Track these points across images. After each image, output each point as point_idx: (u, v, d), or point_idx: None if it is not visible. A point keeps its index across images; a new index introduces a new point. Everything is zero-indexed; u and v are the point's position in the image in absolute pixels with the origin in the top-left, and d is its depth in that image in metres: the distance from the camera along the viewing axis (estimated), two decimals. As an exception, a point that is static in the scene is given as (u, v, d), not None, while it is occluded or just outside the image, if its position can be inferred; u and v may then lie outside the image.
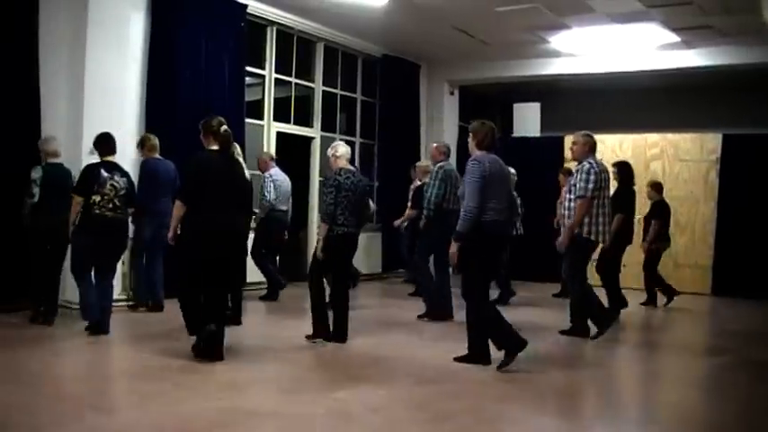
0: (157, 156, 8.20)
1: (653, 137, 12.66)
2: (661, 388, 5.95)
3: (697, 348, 7.86)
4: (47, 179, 7.16)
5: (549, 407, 5.13)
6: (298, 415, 4.63)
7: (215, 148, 6.00)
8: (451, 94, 14.66)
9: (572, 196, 7.29)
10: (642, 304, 10.16)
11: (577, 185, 7.22)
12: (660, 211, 10.14)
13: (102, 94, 8.30)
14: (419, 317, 8.41)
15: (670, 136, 12.59)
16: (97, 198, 6.80)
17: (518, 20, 10.86)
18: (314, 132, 11.98)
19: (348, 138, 12.91)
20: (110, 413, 4.57)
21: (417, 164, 10.68)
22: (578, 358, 6.83)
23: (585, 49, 12.46)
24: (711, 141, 12.25)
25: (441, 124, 14.36)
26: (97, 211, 6.82)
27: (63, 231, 6.94)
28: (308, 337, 6.82)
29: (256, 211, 8.95)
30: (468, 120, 16.02)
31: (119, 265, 7.52)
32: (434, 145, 8.93)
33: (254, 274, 9.66)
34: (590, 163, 7.29)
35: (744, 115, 13.45)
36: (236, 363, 5.84)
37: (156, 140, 8.27)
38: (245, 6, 10.18)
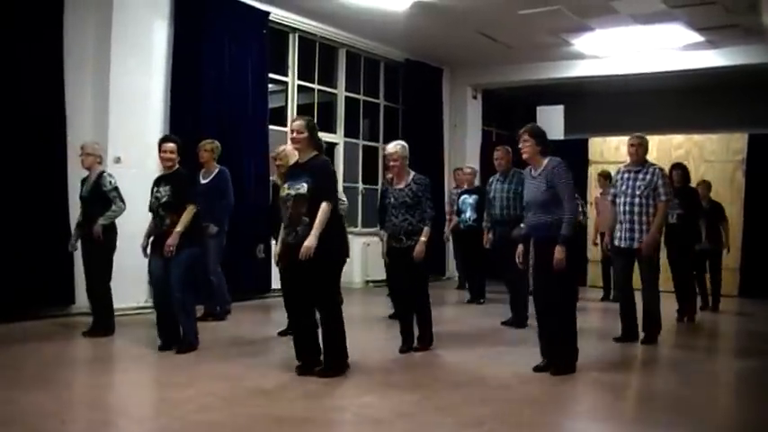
0: None
1: (678, 138, 12.58)
2: (691, 390, 5.87)
3: (727, 350, 7.77)
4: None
5: (576, 410, 5.09)
6: (326, 420, 4.65)
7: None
8: (474, 98, 14.67)
9: (638, 200, 7.14)
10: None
11: (661, 189, 7.12)
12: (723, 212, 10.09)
13: (127, 101, 8.42)
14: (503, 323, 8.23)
15: (695, 137, 12.51)
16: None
17: (541, 22, 10.83)
18: (337, 138, 12.01)
19: (371, 143, 12.93)
20: (140, 421, 4.59)
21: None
22: (605, 361, 6.76)
23: (609, 51, 12.42)
24: (737, 141, 12.15)
25: (464, 128, 14.35)
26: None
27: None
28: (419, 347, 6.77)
29: None
30: (491, 123, 16.08)
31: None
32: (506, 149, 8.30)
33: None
34: (660, 166, 7.34)
35: (770, 115, 13.33)
36: (263, 369, 5.86)
37: None
38: (268, 13, 10.25)
